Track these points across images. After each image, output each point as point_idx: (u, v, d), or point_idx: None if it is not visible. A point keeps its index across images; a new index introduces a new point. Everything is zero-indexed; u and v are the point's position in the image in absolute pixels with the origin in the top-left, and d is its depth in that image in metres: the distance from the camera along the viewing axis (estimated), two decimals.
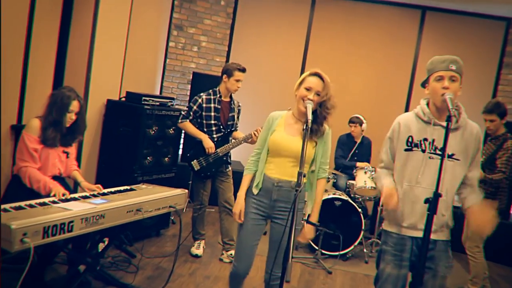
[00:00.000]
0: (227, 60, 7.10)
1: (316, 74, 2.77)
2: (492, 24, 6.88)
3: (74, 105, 3.38)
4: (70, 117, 3.39)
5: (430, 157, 2.52)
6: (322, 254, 4.94)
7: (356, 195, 5.42)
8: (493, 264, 5.19)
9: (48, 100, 3.37)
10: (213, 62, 7.11)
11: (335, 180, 5.69)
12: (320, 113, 2.78)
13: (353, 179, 5.57)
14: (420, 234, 2.46)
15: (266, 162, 2.88)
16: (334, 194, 5.07)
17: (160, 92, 6.90)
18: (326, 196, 5.02)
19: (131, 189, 3.70)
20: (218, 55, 7.13)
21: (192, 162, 4.36)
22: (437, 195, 2.29)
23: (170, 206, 3.65)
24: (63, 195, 3.16)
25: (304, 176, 2.38)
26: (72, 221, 2.81)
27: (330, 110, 2.79)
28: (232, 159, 4.67)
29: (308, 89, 2.74)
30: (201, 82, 5.98)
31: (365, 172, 5.37)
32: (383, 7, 7.05)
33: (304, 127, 2.59)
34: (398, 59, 7.05)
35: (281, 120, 2.88)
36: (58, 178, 3.45)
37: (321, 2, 7.14)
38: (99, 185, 3.50)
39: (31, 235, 2.56)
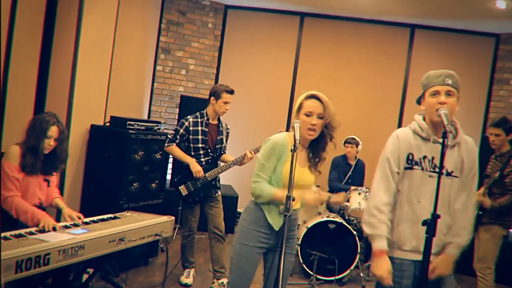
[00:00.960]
0: (216, 83, 6.99)
1: (313, 97, 2.64)
2: (481, 40, 6.85)
3: (53, 131, 3.22)
4: (49, 143, 3.23)
5: (430, 176, 2.37)
6: (318, 279, 4.76)
7: (351, 217, 5.27)
8: (501, 286, 5.03)
9: (28, 125, 3.23)
10: (202, 85, 7.00)
11: (328, 203, 5.53)
12: (328, 134, 2.68)
13: (347, 201, 5.42)
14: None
15: None
16: (328, 216, 4.91)
17: (148, 116, 6.77)
18: (319, 219, 4.87)
19: (115, 217, 3.54)
20: (207, 78, 7.03)
21: (179, 187, 4.20)
22: (435, 216, 2.15)
23: (155, 234, 3.48)
24: (53, 227, 2.99)
25: (293, 200, 2.23)
26: (48, 254, 2.64)
27: (335, 130, 2.68)
28: (221, 182, 4.52)
29: (308, 115, 2.60)
30: (190, 105, 5.85)
31: (359, 193, 5.23)
32: (371, 26, 7.02)
33: (310, 156, 2.59)
34: (389, 77, 6.99)
35: (289, 148, 2.63)
36: (39, 208, 3.27)
37: (309, 22, 7.10)
38: (80, 214, 3.32)
39: (3, 270, 2.39)
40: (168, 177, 5.72)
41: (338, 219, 4.90)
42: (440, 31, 6.90)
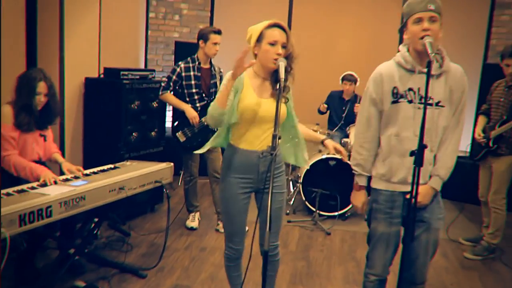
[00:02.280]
0: (212, 26, 6.86)
1: (276, 25, 2.53)
2: None
3: (41, 87, 3.23)
4: (40, 100, 3.25)
5: (418, 108, 2.36)
6: (320, 215, 4.87)
7: (352, 153, 5.30)
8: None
9: (15, 83, 3.24)
10: (197, 30, 6.76)
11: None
12: (289, 65, 2.54)
13: (347, 136, 5.44)
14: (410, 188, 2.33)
15: (237, 134, 2.62)
16: (328, 154, 4.95)
17: (145, 65, 6.72)
18: (319, 157, 4.92)
19: (115, 168, 3.62)
20: (201, 22, 6.90)
21: (177, 134, 4.24)
22: (422, 147, 2.15)
23: (155, 181, 3.56)
24: (54, 180, 3.06)
25: (280, 138, 2.24)
26: (50, 206, 2.72)
27: (294, 62, 2.57)
28: None
29: (273, 44, 2.50)
30: (186, 51, 5.74)
31: None
32: None
33: (277, 87, 2.39)
34: (385, 14, 6.80)
35: (246, 80, 2.60)
36: (38, 163, 3.34)
37: None
38: (79, 167, 3.38)
39: (6, 225, 2.48)
40: (168, 124, 5.76)
41: (338, 156, 4.92)
42: None
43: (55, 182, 3.05)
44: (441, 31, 2.34)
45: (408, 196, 2.27)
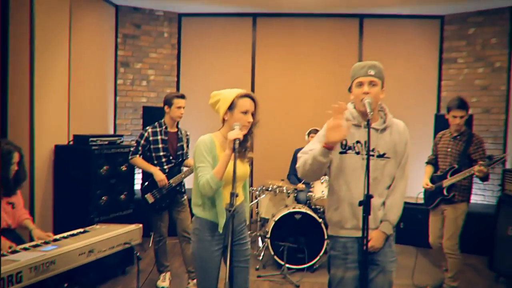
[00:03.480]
0: (178, 90, 7.17)
1: (248, 96, 2.79)
2: (427, 23, 7.14)
3: (16, 157, 3.41)
4: (13, 169, 3.41)
5: (363, 159, 2.60)
6: (289, 269, 4.98)
7: (317, 206, 5.51)
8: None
9: None
10: (164, 94, 7.02)
11: (295, 195, 5.76)
12: (253, 130, 2.85)
13: (311, 191, 5.66)
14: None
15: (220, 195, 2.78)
16: (293, 208, 5.14)
17: (114, 130, 6.90)
18: (285, 211, 5.09)
19: (85, 231, 3.71)
20: (168, 87, 7.20)
21: (145, 196, 4.38)
22: (368, 196, 2.39)
23: (125, 243, 3.67)
24: (10, 247, 3.14)
25: (237, 195, 2.43)
26: (20, 272, 2.80)
27: (256, 126, 2.86)
28: (188, 186, 4.70)
29: (245, 112, 2.75)
30: (153, 115, 5.98)
31: (322, 182, 5.47)
32: (322, 19, 7.26)
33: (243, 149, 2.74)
34: (343, 67, 7.22)
35: (217, 146, 2.82)
36: (7, 231, 3.42)
37: (262, 22, 7.32)
38: (49, 233, 3.47)
39: None
40: (137, 187, 5.88)
41: (304, 209, 5.13)
42: (387, 18, 7.17)
43: (15, 250, 3.10)
44: (383, 92, 2.63)
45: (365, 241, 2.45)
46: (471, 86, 6.79)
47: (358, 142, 2.64)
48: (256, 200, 5.60)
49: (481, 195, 6.66)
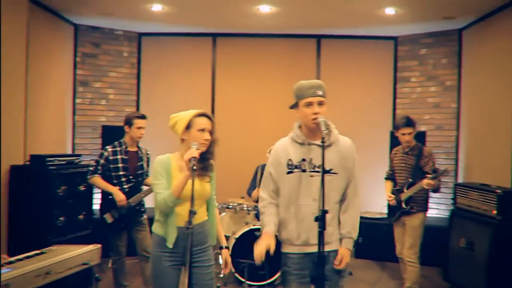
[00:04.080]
0: (138, 109, 7.16)
1: (203, 115, 2.87)
2: (382, 44, 7.41)
3: None
4: None
5: (311, 176, 2.70)
6: (250, 286, 5.01)
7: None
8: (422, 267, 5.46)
9: None
10: (123, 113, 7.03)
11: (256, 212, 5.81)
12: (212, 149, 2.91)
13: None
14: (313, 249, 2.60)
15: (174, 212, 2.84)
16: (254, 225, 5.18)
17: (73, 150, 6.81)
18: (245, 229, 5.13)
19: (41, 253, 3.64)
20: (128, 106, 7.17)
21: (104, 216, 4.34)
22: (324, 212, 2.46)
23: (83, 264, 3.62)
24: None
25: (195, 213, 2.47)
26: None
27: (215, 145, 2.92)
28: (149, 205, 4.68)
29: (202, 130, 2.82)
30: (113, 134, 5.95)
31: None
32: (281, 40, 7.42)
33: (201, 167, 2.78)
34: None
35: (173, 164, 2.88)
36: None
37: (222, 41, 7.42)
38: (4, 255, 3.40)
39: None
40: (95, 206, 5.82)
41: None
42: (344, 39, 7.40)
43: None
44: (326, 110, 2.73)
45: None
46: (424, 104, 7.06)
47: (303, 159, 2.73)
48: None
49: (436, 209, 6.88)
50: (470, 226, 4.86)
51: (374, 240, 6.21)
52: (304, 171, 2.71)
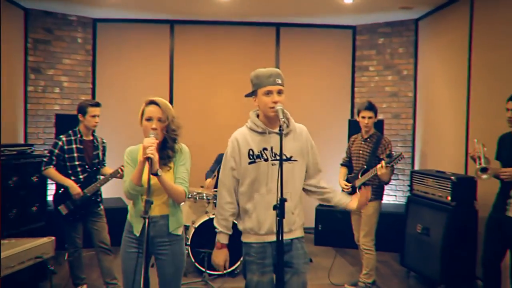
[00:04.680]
0: (94, 97, 6.95)
1: (151, 102, 2.82)
2: (340, 33, 7.45)
3: None
4: None
5: (273, 164, 2.68)
6: (210, 275, 4.98)
7: None
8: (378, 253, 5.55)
9: None
10: (78, 101, 6.90)
11: (215, 201, 5.75)
12: (169, 137, 2.84)
13: None
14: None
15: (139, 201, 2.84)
16: (213, 214, 5.13)
17: (26, 140, 6.56)
18: (205, 218, 5.09)
19: None
20: (83, 94, 6.95)
21: (59, 207, 4.20)
22: (282, 200, 2.43)
23: (36, 257, 3.50)
24: None
25: (152, 203, 2.41)
26: None
27: (176, 132, 2.86)
28: (111, 195, 4.57)
29: (149, 120, 2.78)
30: (67, 123, 5.76)
31: None
32: (240, 28, 7.35)
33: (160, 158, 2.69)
34: None
35: (140, 154, 2.81)
36: None
37: (180, 29, 7.28)
38: None
39: None
40: (49, 198, 5.64)
41: None
42: (303, 27, 7.39)
43: None
44: (284, 98, 2.71)
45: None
46: (382, 92, 7.18)
47: (265, 149, 2.70)
48: None
49: (393, 196, 7.03)
50: (426, 212, 4.98)
51: (333, 227, 6.28)
52: (266, 160, 2.68)
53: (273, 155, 2.68)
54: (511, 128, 3.89)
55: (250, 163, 2.69)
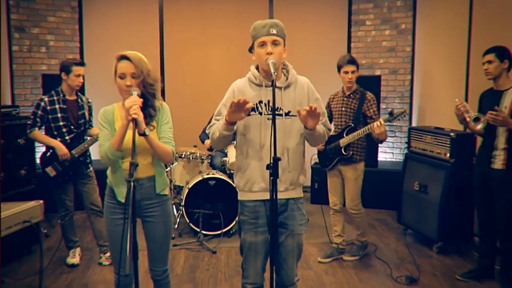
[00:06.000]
0: (82, 57, 6.72)
1: (122, 58, 2.61)
2: None
3: None
4: None
5: (268, 119, 2.53)
6: (205, 235, 4.93)
7: (232, 171, 5.45)
8: (368, 210, 5.50)
9: None
10: None
11: (209, 160, 5.67)
12: (147, 93, 2.64)
13: (226, 155, 5.59)
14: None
15: (121, 164, 2.66)
16: (208, 174, 5.04)
17: (13, 101, 6.38)
18: (199, 178, 4.98)
19: None
20: (70, 53, 6.70)
21: (46, 169, 4.08)
22: (276, 160, 2.28)
23: (24, 221, 3.40)
24: None
25: (137, 165, 2.25)
26: None
27: (154, 86, 2.67)
28: (96, 157, 4.44)
29: (122, 77, 2.59)
30: (55, 84, 5.55)
31: (235, 147, 5.39)
32: None
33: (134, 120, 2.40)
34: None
35: (116, 114, 2.68)
36: None
37: None
38: None
39: None
40: (38, 161, 5.52)
41: (218, 175, 5.05)
42: None
43: None
44: (285, 51, 2.55)
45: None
46: (379, 47, 6.96)
47: (261, 102, 2.56)
48: (169, 168, 5.41)
49: (390, 153, 6.94)
50: (424, 169, 4.89)
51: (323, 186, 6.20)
52: (261, 114, 2.54)
53: (269, 109, 2.53)
54: (492, 84, 3.84)
55: None
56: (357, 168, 4.35)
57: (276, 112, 2.53)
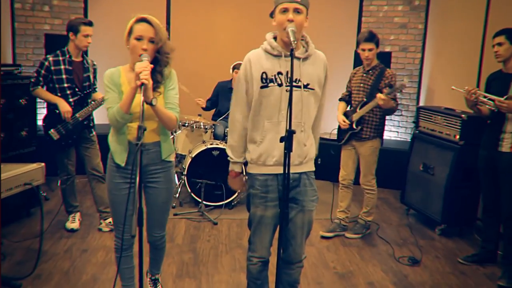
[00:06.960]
0: (86, 17, 6.52)
1: (143, 20, 2.50)
2: None
3: None
4: None
5: (287, 90, 2.42)
6: (207, 206, 4.88)
7: None
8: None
9: None
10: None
11: (213, 130, 5.57)
12: (162, 60, 2.57)
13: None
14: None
15: (124, 128, 2.62)
16: (211, 144, 4.96)
17: (14, 60, 6.22)
18: (203, 148, 4.90)
19: None
20: (74, 13, 6.50)
21: (49, 132, 3.98)
22: (290, 132, 2.20)
23: (25, 184, 3.32)
24: None
25: (145, 129, 2.17)
26: None
27: (170, 55, 2.59)
28: (99, 122, 4.35)
29: (139, 39, 2.48)
30: (58, 44, 5.38)
31: None
32: None
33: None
34: (262, 5, 6.92)
35: (123, 79, 2.60)
36: None
37: None
38: None
39: None
40: (40, 122, 5.42)
41: (222, 145, 4.96)
42: None
43: None
44: (306, 21, 2.45)
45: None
46: (390, 23, 6.80)
47: (279, 73, 2.45)
48: (172, 136, 5.32)
49: (395, 132, 6.85)
50: (431, 150, 4.81)
51: (332, 161, 6.13)
52: (280, 85, 2.43)
53: (288, 80, 2.43)
54: (501, 66, 3.79)
55: (262, 87, 2.43)
56: (369, 145, 4.32)
57: (295, 84, 2.42)
